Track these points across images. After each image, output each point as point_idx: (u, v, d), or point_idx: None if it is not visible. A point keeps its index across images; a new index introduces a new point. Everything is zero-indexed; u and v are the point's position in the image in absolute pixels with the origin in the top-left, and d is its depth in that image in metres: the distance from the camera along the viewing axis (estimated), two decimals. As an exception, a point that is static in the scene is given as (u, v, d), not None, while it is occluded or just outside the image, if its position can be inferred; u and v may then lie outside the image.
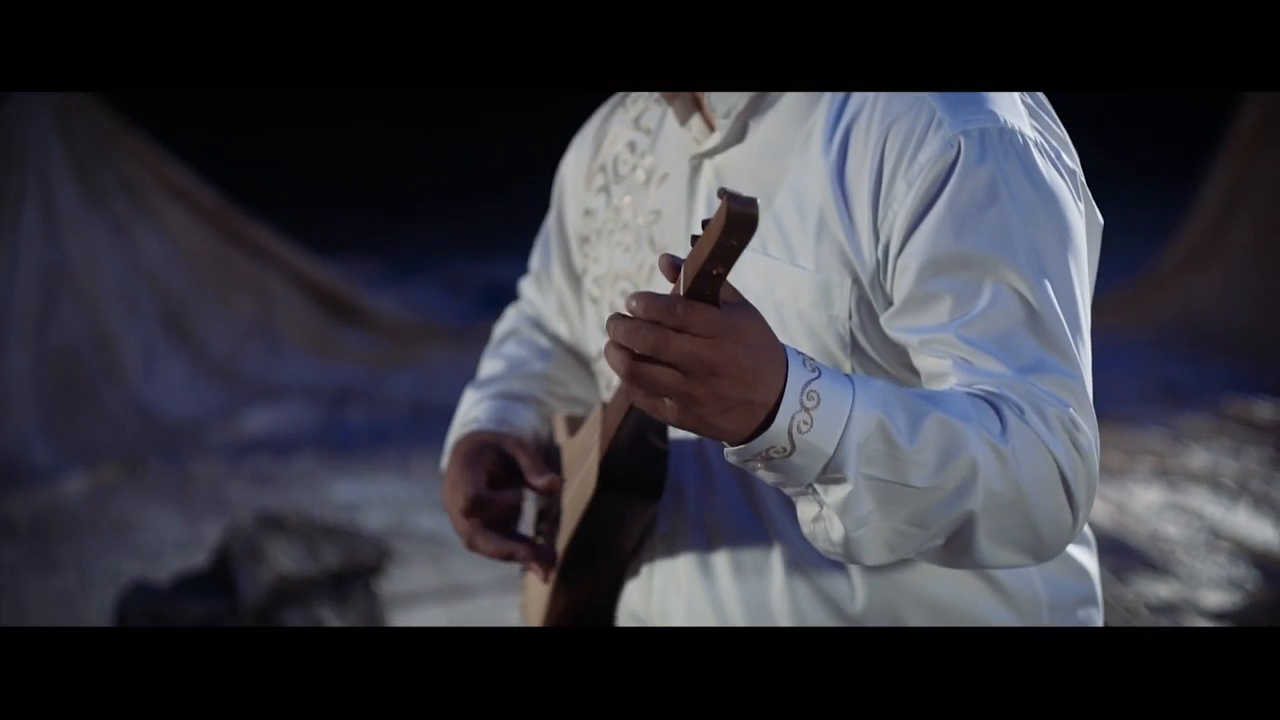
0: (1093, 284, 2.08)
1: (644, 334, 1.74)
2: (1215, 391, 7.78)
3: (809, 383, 1.80)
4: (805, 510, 1.91)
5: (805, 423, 1.80)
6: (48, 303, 7.76)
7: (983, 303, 1.96)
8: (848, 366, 2.06)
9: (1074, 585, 2.19)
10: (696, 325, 1.73)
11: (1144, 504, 6.17)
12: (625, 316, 1.76)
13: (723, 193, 1.64)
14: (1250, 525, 5.99)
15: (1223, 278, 8.81)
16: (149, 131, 8.03)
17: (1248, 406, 7.46)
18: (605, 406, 2.10)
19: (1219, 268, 8.84)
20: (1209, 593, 5.25)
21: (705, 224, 1.67)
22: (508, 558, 2.24)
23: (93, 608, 5.33)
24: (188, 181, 8.21)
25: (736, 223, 1.64)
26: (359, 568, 4.60)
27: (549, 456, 2.39)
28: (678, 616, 2.19)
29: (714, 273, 1.70)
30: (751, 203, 1.63)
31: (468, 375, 2.54)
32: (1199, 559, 5.60)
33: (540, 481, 2.27)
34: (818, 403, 1.80)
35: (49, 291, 7.78)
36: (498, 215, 9.79)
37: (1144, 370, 8.14)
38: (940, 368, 1.97)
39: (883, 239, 2.02)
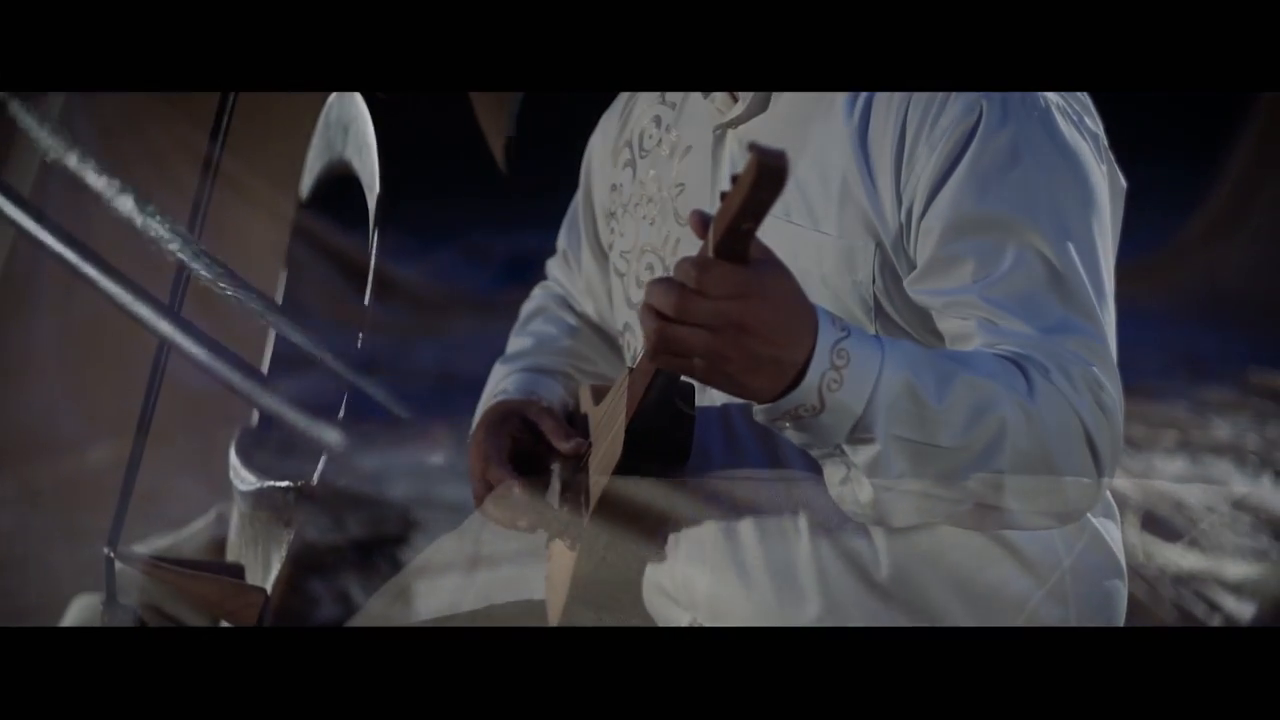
0: (1116, 248, 2.09)
1: (670, 296, 1.74)
2: (1239, 363, 7.74)
3: (839, 341, 1.81)
4: (833, 473, 1.91)
5: (835, 381, 1.80)
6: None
7: (1006, 264, 1.97)
8: (872, 331, 2.07)
9: (1096, 555, 2.19)
10: (723, 286, 1.73)
11: (1167, 476, 6.15)
12: (655, 280, 1.76)
13: (753, 146, 1.64)
14: (1274, 497, 5.96)
15: (1248, 247, 8.77)
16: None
17: (1272, 378, 7.44)
18: (631, 372, 2.11)
19: (1244, 236, 8.81)
20: (1232, 564, 5.24)
21: (734, 179, 1.67)
22: (526, 524, 2.24)
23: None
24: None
25: (767, 175, 1.64)
26: (384, 538, 4.60)
27: (575, 426, 2.39)
28: (702, 584, 2.19)
29: (743, 228, 1.71)
30: (781, 156, 1.63)
31: (493, 346, 2.54)
32: (1222, 531, 5.59)
33: (566, 446, 2.28)
34: (847, 361, 1.81)
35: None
36: (521, 187, 9.77)
37: (1166, 342, 8.09)
38: (964, 329, 1.98)
39: (905, 203, 2.03)
